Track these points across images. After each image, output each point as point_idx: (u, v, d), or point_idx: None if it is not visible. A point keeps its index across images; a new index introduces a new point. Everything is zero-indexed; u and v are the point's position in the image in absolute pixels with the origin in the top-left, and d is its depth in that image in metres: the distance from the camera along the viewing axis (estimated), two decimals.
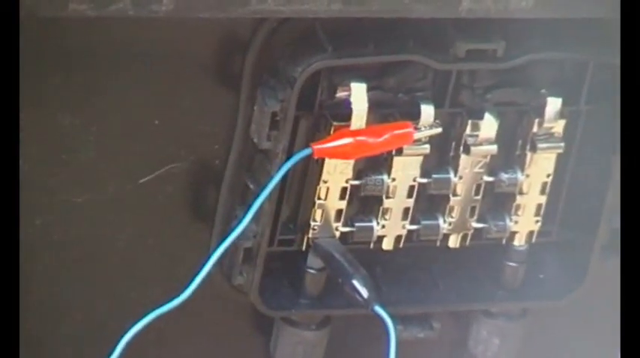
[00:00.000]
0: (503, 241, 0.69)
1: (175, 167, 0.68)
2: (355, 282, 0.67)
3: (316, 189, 0.65)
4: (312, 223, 0.66)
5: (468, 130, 0.65)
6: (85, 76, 0.67)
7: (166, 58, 0.64)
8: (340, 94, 0.62)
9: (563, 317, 0.75)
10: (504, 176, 0.67)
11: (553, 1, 0.66)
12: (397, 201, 0.66)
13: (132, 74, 0.65)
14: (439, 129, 0.63)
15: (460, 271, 0.71)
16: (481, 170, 0.66)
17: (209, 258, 0.63)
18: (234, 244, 0.63)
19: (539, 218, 0.68)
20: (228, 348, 0.74)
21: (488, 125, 0.64)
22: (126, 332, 0.64)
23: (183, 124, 0.66)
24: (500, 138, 0.66)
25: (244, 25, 0.64)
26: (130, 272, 0.71)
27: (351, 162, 0.64)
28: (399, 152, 0.64)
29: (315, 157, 0.62)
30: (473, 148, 0.65)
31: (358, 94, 0.61)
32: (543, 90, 0.66)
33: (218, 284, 0.67)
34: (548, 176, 0.67)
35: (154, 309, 0.64)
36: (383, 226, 0.66)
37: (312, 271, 0.66)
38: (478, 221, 0.69)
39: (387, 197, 0.65)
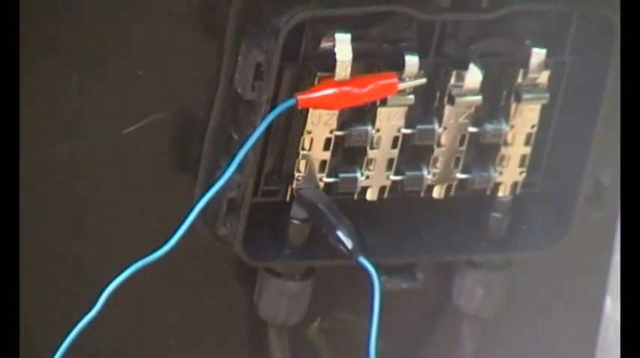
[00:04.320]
0: (488, 192, 0.69)
1: (159, 117, 0.67)
2: (339, 233, 0.67)
3: (300, 139, 0.65)
4: (296, 174, 0.66)
5: (452, 81, 0.65)
6: (65, 25, 0.66)
7: (149, 7, 0.64)
8: (324, 45, 0.62)
9: (548, 268, 0.75)
10: (489, 127, 0.67)
11: None
12: (381, 152, 0.66)
13: (114, 24, 0.65)
14: (423, 80, 0.63)
15: (444, 222, 0.71)
16: (465, 121, 0.66)
17: (193, 208, 0.63)
18: (217, 195, 0.63)
19: (523, 169, 0.68)
20: (211, 300, 0.74)
21: (473, 76, 0.64)
22: (109, 283, 0.63)
23: (166, 75, 0.66)
24: (485, 89, 0.66)
25: None
26: (112, 223, 0.70)
27: (336, 112, 0.64)
28: (384, 103, 0.64)
29: (300, 108, 0.62)
30: (457, 99, 0.65)
31: (342, 45, 0.61)
32: (528, 41, 0.65)
33: (201, 236, 0.67)
34: (533, 127, 0.67)
35: (137, 261, 0.63)
36: (367, 177, 0.66)
37: (295, 222, 0.67)
38: (462, 172, 0.69)
39: (372, 148, 0.66)
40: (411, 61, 0.62)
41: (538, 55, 0.65)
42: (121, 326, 0.71)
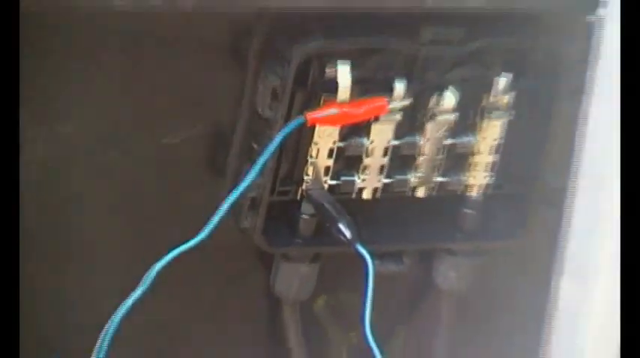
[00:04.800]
0: (459, 193, 0.77)
1: (194, 132, 0.76)
2: (340, 225, 0.75)
3: (309, 149, 0.73)
4: (305, 177, 0.74)
5: (432, 103, 0.72)
6: (120, 57, 0.74)
7: (188, 43, 0.72)
8: (329, 73, 0.70)
9: (509, 256, 0.84)
10: (461, 139, 0.76)
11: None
12: (375, 160, 0.74)
13: (160, 56, 0.73)
14: (408, 102, 0.71)
15: (426, 217, 0.79)
16: (443, 134, 0.74)
17: (223, 205, 0.70)
18: (242, 194, 0.71)
19: (489, 173, 0.76)
20: (235, 281, 0.83)
21: (449, 98, 0.73)
22: (152, 268, 0.71)
23: (201, 97, 0.75)
24: (459, 109, 0.74)
25: (251, 17, 0.71)
26: (153, 219, 0.79)
27: (337, 128, 0.72)
28: (376, 120, 0.72)
29: (309, 125, 0.70)
30: (437, 117, 0.73)
31: (343, 73, 0.70)
32: (494, 70, 0.74)
33: (228, 228, 0.74)
34: (496, 140, 0.75)
35: (177, 247, 0.71)
36: (363, 180, 0.74)
37: (305, 216, 0.75)
38: (441, 176, 0.76)
39: (367, 156, 0.73)
40: (399, 87, 0.71)
41: (502, 81, 0.74)
42: (160, 302, 0.76)
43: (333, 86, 0.71)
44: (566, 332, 0.76)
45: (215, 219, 0.71)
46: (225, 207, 0.71)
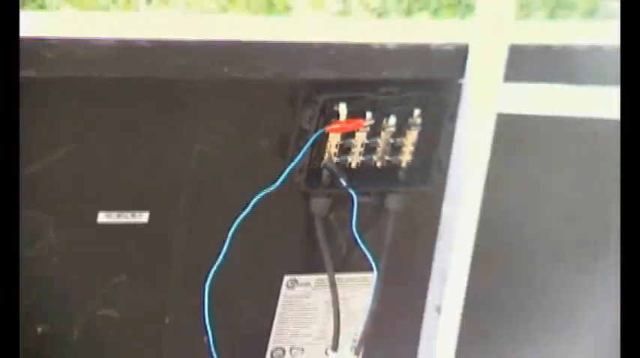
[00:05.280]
0: (398, 164, 1.19)
1: (263, 143, 1.18)
2: (341, 179, 1.18)
3: (326, 144, 1.17)
4: (325, 157, 1.18)
5: (384, 122, 1.16)
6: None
7: (258, 97, 1.14)
8: (335, 109, 1.15)
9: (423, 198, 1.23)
10: (398, 139, 1.18)
11: (408, 69, 1.13)
12: (357, 149, 1.19)
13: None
14: (372, 122, 1.16)
15: (381, 176, 1.21)
16: (389, 137, 1.17)
17: (287, 168, 1.14)
18: (296, 165, 1.14)
19: (410, 157, 1.19)
20: (288, 211, 1.22)
21: (392, 119, 1.16)
22: (236, 218, 1.14)
23: (268, 127, 1.17)
24: (397, 125, 1.17)
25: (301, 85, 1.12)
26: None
27: (339, 134, 1.17)
28: (357, 130, 1.17)
29: (327, 132, 1.15)
30: (386, 129, 1.17)
31: (342, 109, 1.15)
32: (412, 106, 1.17)
33: (288, 186, 1.15)
34: (414, 140, 1.18)
35: (255, 196, 1.13)
36: (352, 158, 1.19)
37: (324, 175, 1.19)
38: (388, 156, 1.18)
39: (354, 147, 1.18)
40: (368, 115, 1.15)
41: (415, 112, 1.17)
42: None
43: (337, 115, 1.15)
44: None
45: (286, 171, 1.14)
46: (288, 169, 1.14)
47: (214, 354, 1.20)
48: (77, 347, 1.19)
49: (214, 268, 1.15)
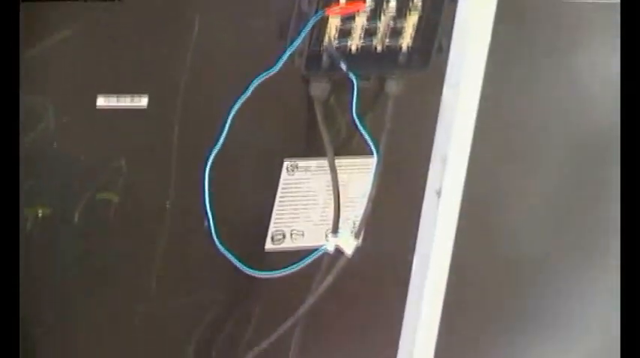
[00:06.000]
0: (399, 48, 1.21)
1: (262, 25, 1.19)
2: (341, 62, 1.19)
3: (326, 28, 1.17)
4: (325, 40, 1.17)
5: (384, 5, 1.17)
6: None
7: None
8: None
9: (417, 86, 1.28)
10: (399, 22, 1.19)
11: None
12: (356, 33, 1.19)
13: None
14: (372, 5, 1.17)
15: (381, 59, 1.22)
16: (389, 20, 1.18)
17: (287, 49, 1.14)
18: (295, 48, 1.15)
19: (410, 40, 1.22)
20: (288, 92, 1.22)
21: (392, 2, 1.19)
22: (250, 84, 1.15)
23: (267, 9, 1.18)
24: (397, 8, 1.18)
25: None
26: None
27: (339, 17, 1.16)
28: (357, 13, 1.18)
29: (327, 14, 1.15)
30: (386, 13, 1.18)
31: None
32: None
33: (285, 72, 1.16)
34: (414, 24, 1.20)
35: (254, 79, 1.14)
36: (351, 43, 1.19)
37: (324, 59, 1.19)
38: (388, 39, 1.18)
39: (354, 30, 1.18)
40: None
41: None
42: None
43: None
44: None
45: (285, 54, 1.15)
46: (287, 52, 1.15)
47: (215, 238, 1.21)
48: (78, 230, 1.19)
49: (214, 152, 1.17)
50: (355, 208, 1.32)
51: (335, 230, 1.29)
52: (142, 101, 1.18)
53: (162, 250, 1.26)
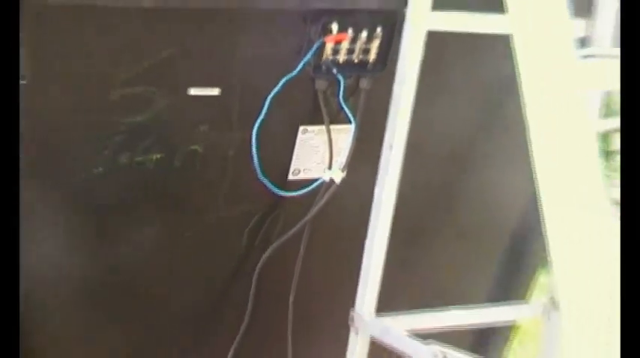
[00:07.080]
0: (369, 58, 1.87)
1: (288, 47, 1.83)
2: (334, 69, 1.83)
3: (325, 49, 1.80)
4: (324, 56, 1.81)
5: (359, 35, 1.81)
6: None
7: (283, 20, 1.73)
8: (330, 26, 1.77)
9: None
10: (366, 45, 1.92)
11: (375, 2, 1.82)
12: (343, 50, 1.82)
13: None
14: (352, 35, 1.79)
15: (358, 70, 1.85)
16: (363, 45, 1.86)
17: (300, 64, 1.78)
18: (307, 60, 1.76)
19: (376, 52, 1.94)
20: (298, 89, 1.78)
21: (364, 34, 1.91)
22: (269, 94, 1.74)
23: (290, 38, 1.77)
24: (367, 36, 1.94)
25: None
26: (271, 78, 1.72)
27: (333, 43, 1.79)
28: (343, 40, 1.79)
29: (325, 42, 1.77)
30: (357, 42, 1.82)
31: (334, 27, 1.77)
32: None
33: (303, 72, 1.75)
34: (376, 48, 1.94)
35: (282, 78, 1.75)
36: (339, 56, 1.82)
37: (323, 67, 1.81)
38: (362, 54, 1.83)
39: (341, 49, 1.80)
40: (350, 31, 1.78)
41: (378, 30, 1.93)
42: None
43: (331, 30, 1.76)
44: None
45: (301, 64, 1.74)
46: (302, 63, 1.73)
47: (259, 171, 1.79)
48: (179, 172, 1.77)
49: (258, 121, 1.78)
50: (341, 155, 1.90)
51: (330, 167, 1.90)
52: (215, 91, 1.74)
53: (228, 180, 1.84)
